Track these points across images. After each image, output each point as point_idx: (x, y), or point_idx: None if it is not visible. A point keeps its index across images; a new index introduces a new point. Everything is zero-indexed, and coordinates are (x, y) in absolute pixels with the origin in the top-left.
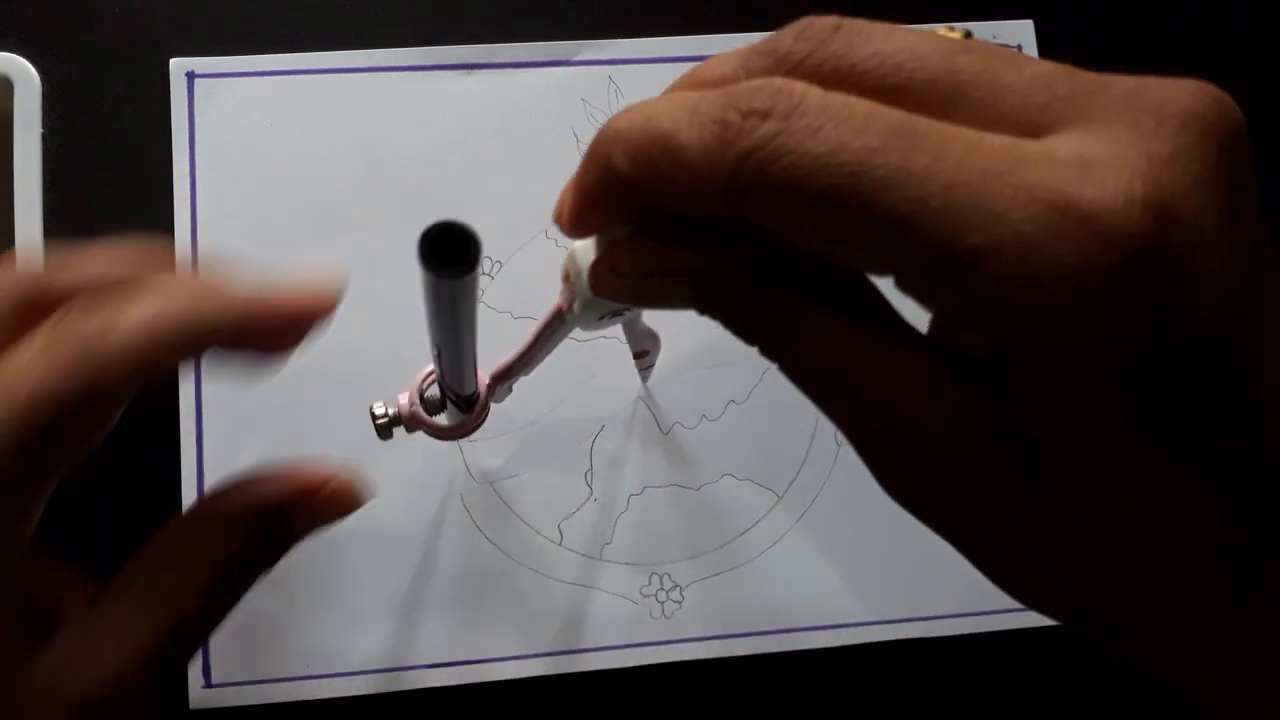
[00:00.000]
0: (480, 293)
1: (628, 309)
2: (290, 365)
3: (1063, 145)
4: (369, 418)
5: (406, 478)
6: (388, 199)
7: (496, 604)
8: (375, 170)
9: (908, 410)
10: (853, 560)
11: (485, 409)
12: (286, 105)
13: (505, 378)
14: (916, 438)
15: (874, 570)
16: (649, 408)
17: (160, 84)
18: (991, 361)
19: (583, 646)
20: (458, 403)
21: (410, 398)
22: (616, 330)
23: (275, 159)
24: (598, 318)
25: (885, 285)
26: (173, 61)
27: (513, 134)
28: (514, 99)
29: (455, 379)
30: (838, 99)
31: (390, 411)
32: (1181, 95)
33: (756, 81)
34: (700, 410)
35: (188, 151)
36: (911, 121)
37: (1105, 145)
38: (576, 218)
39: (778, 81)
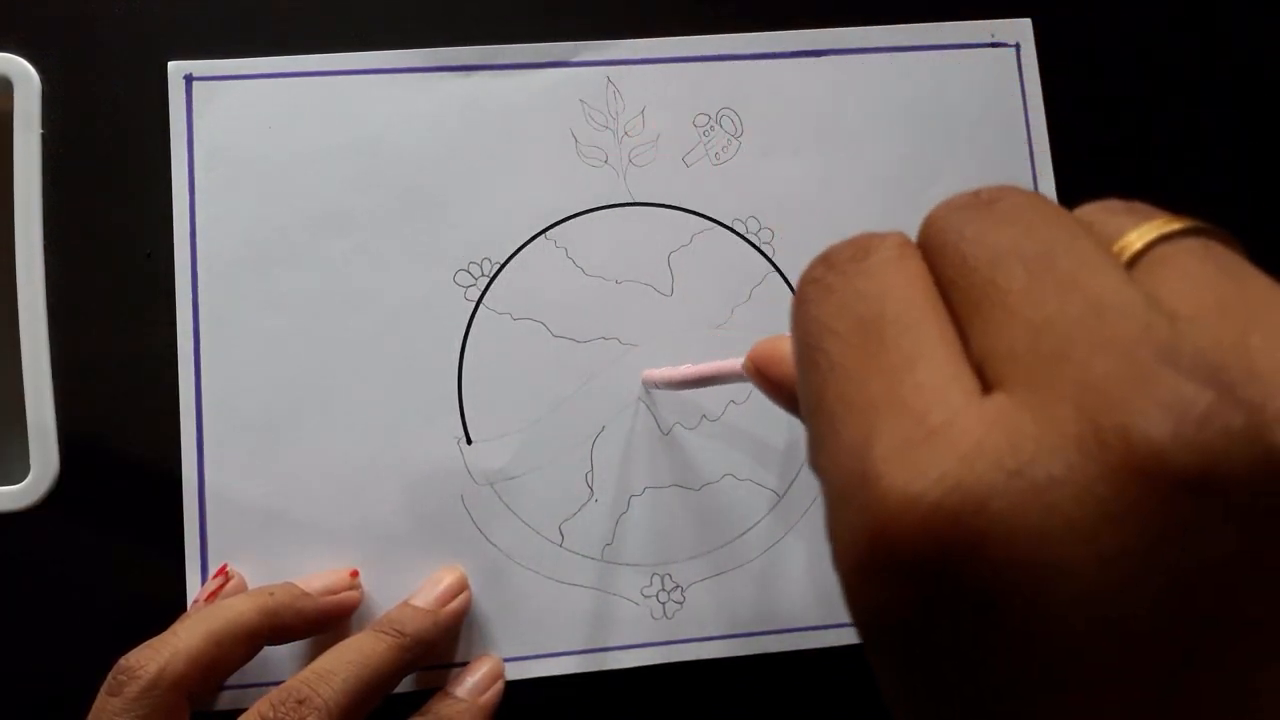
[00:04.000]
0: (479, 294)
1: None
2: (290, 368)
3: (961, 413)
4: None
5: (407, 479)
6: (387, 200)
7: (496, 605)
8: (374, 172)
9: None
10: None
11: None
12: (285, 107)
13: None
14: None
15: None
16: (649, 408)
17: (160, 85)
18: None
19: (584, 648)
20: None
21: None
22: (616, 331)
23: (274, 161)
24: None
25: None
26: (171, 65)
27: (512, 135)
28: (513, 100)
29: None
30: (877, 272)
31: None
32: (1140, 408)
33: (870, 233)
34: (700, 410)
35: (186, 154)
36: (886, 323)
37: (991, 429)
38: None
39: (866, 237)
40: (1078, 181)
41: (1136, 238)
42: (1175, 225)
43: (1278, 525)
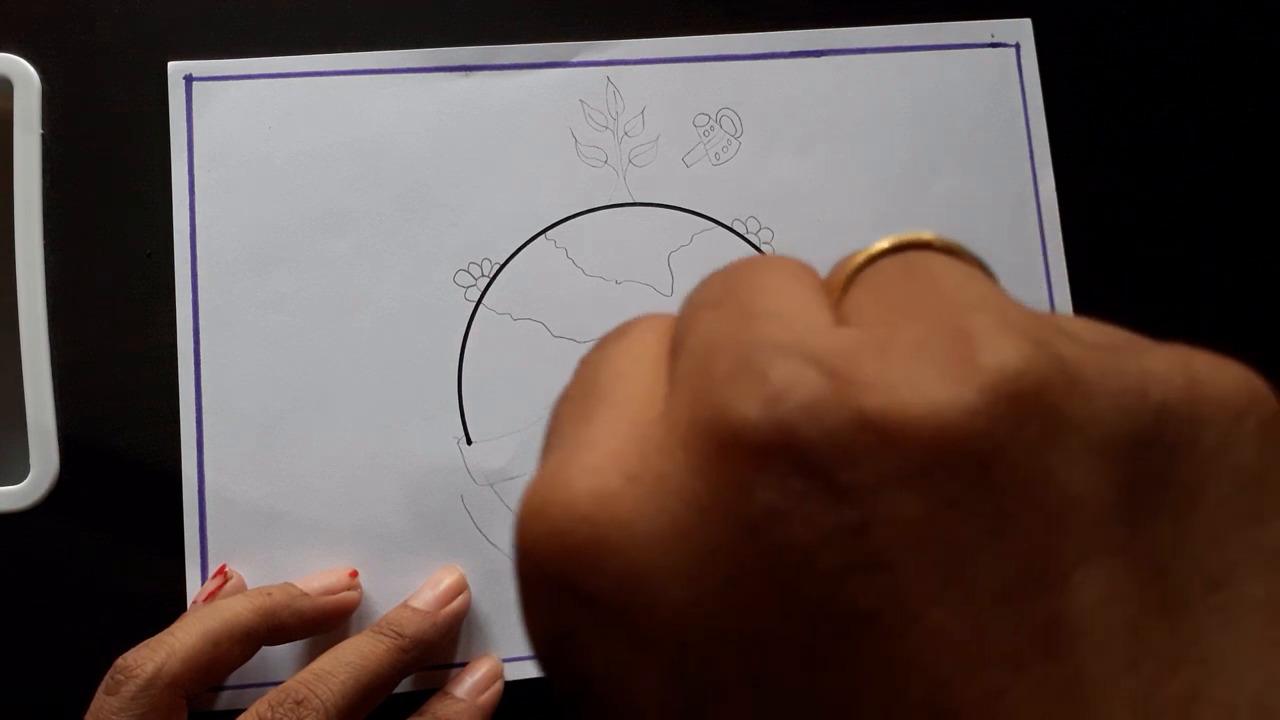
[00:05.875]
0: (479, 294)
1: None
2: (290, 368)
3: (610, 432)
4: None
5: (407, 479)
6: (387, 200)
7: (496, 606)
8: (374, 172)
9: None
10: None
11: None
12: (285, 107)
13: None
14: None
15: None
16: None
17: (160, 85)
18: None
19: None
20: None
21: None
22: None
23: (274, 161)
24: None
25: None
26: (171, 65)
27: (511, 135)
28: (513, 100)
29: None
30: (618, 341)
31: None
32: (731, 392)
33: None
34: None
35: (186, 154)
36: (601, 375)
37: (627, 440)
38: None
39: (632, 321)
40: (1077, 181)
41: (847, 267)
42: (883, 245)
43: (881, 498)
